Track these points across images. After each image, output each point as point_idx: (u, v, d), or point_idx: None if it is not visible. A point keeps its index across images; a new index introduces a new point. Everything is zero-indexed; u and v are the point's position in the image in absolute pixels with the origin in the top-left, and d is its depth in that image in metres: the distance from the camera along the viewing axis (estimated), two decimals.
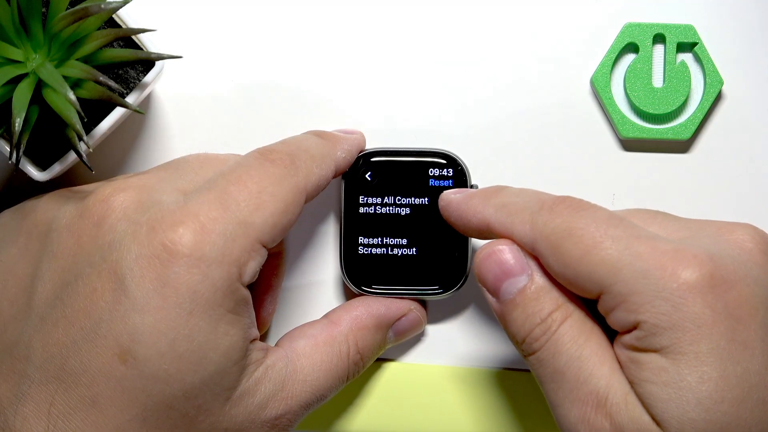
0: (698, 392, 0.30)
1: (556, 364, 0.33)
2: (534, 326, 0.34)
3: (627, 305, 0.31)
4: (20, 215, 0.37)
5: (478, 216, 0.36)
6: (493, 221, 0.36)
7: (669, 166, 0.43)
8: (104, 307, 0.32)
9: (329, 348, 0.37)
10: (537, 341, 0.34)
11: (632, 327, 0.32)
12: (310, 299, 0.43)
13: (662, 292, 0.31)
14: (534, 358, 0.34)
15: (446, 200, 0.39)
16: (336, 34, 0.43)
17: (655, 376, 0.31)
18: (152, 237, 0.33)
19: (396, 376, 0.43)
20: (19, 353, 0.33)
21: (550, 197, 0.35)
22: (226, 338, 0.33)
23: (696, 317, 0.30)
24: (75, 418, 0.32)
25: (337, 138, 0.40)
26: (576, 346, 0.33)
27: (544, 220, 0.34)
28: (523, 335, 0.34)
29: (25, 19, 0.35)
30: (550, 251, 0.33)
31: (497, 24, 0.43)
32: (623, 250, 0.32)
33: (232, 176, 0.35)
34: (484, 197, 0.37)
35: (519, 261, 0.35)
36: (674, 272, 0.31)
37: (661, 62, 0.43)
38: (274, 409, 0.35)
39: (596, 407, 0.32)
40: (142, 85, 0.38)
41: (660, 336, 0.31)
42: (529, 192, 0.36)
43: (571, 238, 0.33)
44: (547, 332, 0.33)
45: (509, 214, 0.35)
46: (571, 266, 0.33)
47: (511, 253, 0.35)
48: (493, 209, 0.36)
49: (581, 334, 0.33)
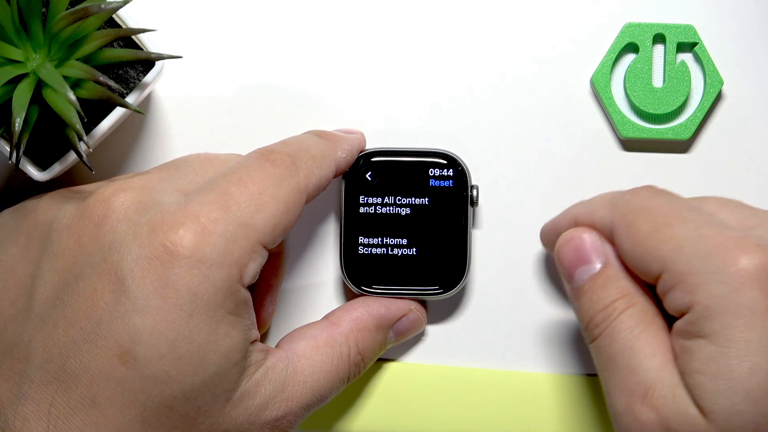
0: (748, 383, 0.30)
1: (611, 351, 0.33)
2: (596, 312, 0.34)
3: (684, 285, 0.32)
4: (20, 215, 0.37)
5: (566, 216, 0.38)
6: (579, 212, 0.37)
7: (669, 166, 0.43)
8: (104, 308, 0.32)
9: (330, 349, 0.37)
10: (597, 327, 0.34)
11: (685, 310, 0.32)
12: (311, 300, 0.43)
13: (720, 275, 0.31)
14: (594, 345, 0.34)
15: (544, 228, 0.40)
16: (336, 35, 0.43)
17: (705, 367, 0.31)
18: (153, 238, 0.33)
19: (396, 377, 0.43)
20: (19, 353, 0.33)
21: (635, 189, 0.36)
22: (226, 339, 0.33)
23: (751, 304, 0.30)
24: (75, 418, 0.32)
25: (338, 138, 0.40)
26: (631, 335, 0.33)
27: (624, 200, 0.35)
28: (587, 320, 0.35)
29: (25, 19, 0.35)
30: (625, 228, 0.34)
31: (497, 24, 0.43)
32: (690, 231, 0.32)
33: (233, 177, 0.35)
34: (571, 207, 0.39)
35: (594, 248, 0.36)
36: (735, 257, 0.31)
37: (661, 62, 0.43)
38: (274, 411, 0.35)
39: (643, 398, 0.32)
40: (142, 85, 0.38)
41: (712, 320, 0.31)
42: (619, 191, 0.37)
43: (645, 216, 0.34)
44: (606, 319, 0.34)
45: (592, 203, 0.37)
46: (640, 243, 0.33)
47: (588, 240, 0.36)
48: (579, 206, 0.38)
49: (639, 323, 0.33)
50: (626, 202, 0.35)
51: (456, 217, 0.41)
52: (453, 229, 0.41)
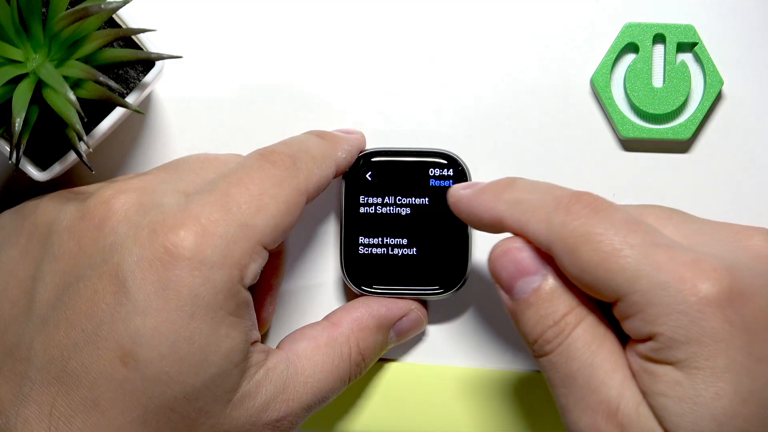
0: (713, 408, 0.30)
1: (568, 368, 0.32)
2: (547, 328, 0.33)
3: (644, 316, 0.31)
4: (21, 216, 0.37)
5: (490, 213, 0.35)
6: (507, 218, 0.35)
7: (669, 166, 0.43)
8: (105, 310, 0.32)
9: (330, 349, 0.37)
10: (549, 344, 0.33)
11: (648, 337, 0.31)
12: (311, 301, 0.43)
13: (681, 305, 0.30)
14: (546, 360, 0.33)
15: (456, 197, 0.37)
16: (336, 35, 0.43)
17: (670, 390, 0.30)
18: (153, 239, 0.33)
19: (397, 377, 0.43)
20: (20, 355, 0.33)
21: (565, 194, 0.34)
22: (227, 341, 0.33)
23: (714, 332, 0.30)
24: (76, 419, 0.32)
25: (338, 138, 0.40)
26: (589, 351, 0.32)
27: (560, 221, 0.33)
28: (536, 336, 0.33)
29: (25, 19, 0.35)
30: (567, 254, 0.32)
31: (497, 24, 0.43)
32: (642, 258, 0.31)
33: (233, 178, 0.35)
34: (496, 192, 0.36)
35: (534, 260, 0.34)
36: (693, 285, 0.30)
37: (661, 62, 0.43)
38: (275, 412, 0.35)
39: (607, 416, 0.31)
40: (142, 85, 0.38)
41: (676, 350, 0.30)
42: (543, 187, 0.35)
43: (589, 244, 0.32)
44: (560, 335, 0.33)
45: (523, 212, 0.34)
46: (588, 272, 0.32)
47: (527, 252, 0.34)
48: (506, 206, 0.35)
49: (594, 339, 0.33)
50: (563, 224, 0.32)
51: (456, 217, 0.41)
52: (453, 229, 0.41)
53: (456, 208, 0.37)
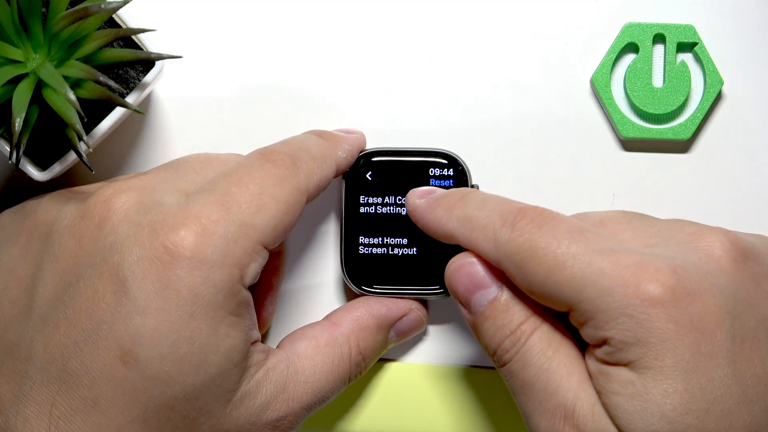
0: (662, 405, 0.30)
1: (526, 375, 0.33)
2: (504, 338, 0.34)
3: (594, 322, 0.32)
4: (21, 216, 0.37)
5: (442, 228, 0.37)
6: (458, 235, 0.36)
7: (669, 166, 0.43)
8: (105, 309, 0.32)
9: (330, 349, 0.37)
10: (507, 353, 0.34)
11: (601, 342, 0.32)
12: (311, 301, 0.43)
13: (626, 308, 0.31)
14: (505, 369, 0.34)
15: (412, 205, 0.39)
16: (336, 35, 0.43)
17: (622, 389, 0.31)
18: (154, 239, 0.33)
19: (397, 376, 0.43)
20: (20, 354, 0.33)
21: (512, 210, 0.34)
22: (227, 340, 0.33)
23: (660, 332, 0.31)
24: (76, 419, 0.32)
25: (338, 138, 0.40)
26: (544, 357, 0.33)
27: (506, 238, 0.34)
28: (494, 347, 0.35)
29: (25, 19, 0.35)
30: (516, 271, 0.33)
31: (497, 24, 0.43)
32: (585, 267, 0.32)
33: (234, 177, 0.35)
34: (448, 207, 0.37)
35: (488, 274, 0.35)
36: (637, 288, 0.31)
37: (661, 62, 0.43)
38: (275, 411, 0.35)
39: (564, 418, 0.32)
40: (142, 85, 0.38)
41: (627, 351, 0.31)
42: (492, 202, 0.36)
43: (534, 259, 0.33)
44: (516, 344, 0.34)
45: (472, 230, 0.35)
46: (537, 285, 0.33)
47: (480, 266, 0.35)
48: (457, 222, 0.36)
49: (550, 345, 0.33)
50: (509, 240, 0.34)
51: None
52: None
53: (412, 216, 0.39)
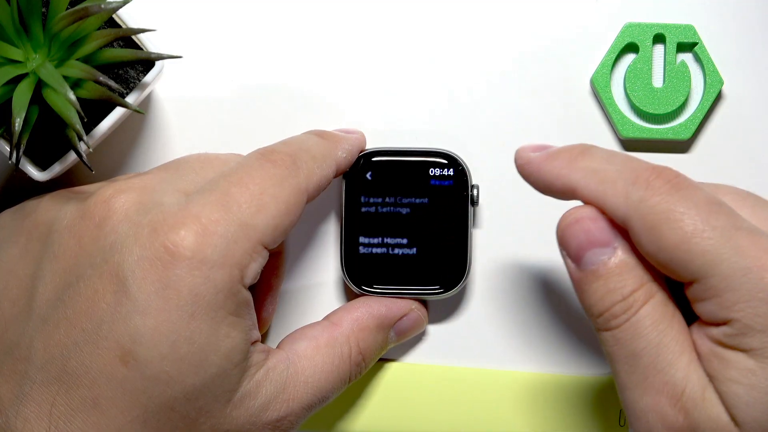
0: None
1: (634, 346, 0.31)
2: (614, 303, 0.32)
3: (721, 300, 0.30)
4: (21, 216, 0.37)
5: (563, 180, 0.34)
6: (582, 187, 0.33)
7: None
8: (106, 309, 0.32)
9: (331, 350, 0.37)
10: (616, 318, 0.32)
11: (722, 322, 0.30)
12: (311, 301, 0.43)
13: (761, 292, 0.29)
14: (609, 335, 0.32)
15: (525, 158, 0.36)
16: (336, 35, 0.43)
17: (743, 377, 0.30)
18: (154, 239, 0.33)
19: (397, 376, 0.43)
20: (20, 354, 0.33)
21: (646, 168, 0.32)
22: (227, 340, 0.33)
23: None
24: (76, 419, 0.32)
25: (338, 138, 0.40)
26: (656, 331, 0.31)
27: (640, 195, 0.32)
28: (601, 309, 0.32)
29: (25, 19, 0.35)
30: (646, 231, 0.31)
31: (497, 24, 0.43)
32: (724, 242, 0.30)
33: (233, 177, 0.35)
34: (569, 159, 0.34)
35: (607, 231, 0.33)
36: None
37: (661, 62, 0.43)
38: (275, 411, 0.35)
39: (671, 399, 0.31)
40: (142, 85, 0.38)
41: (751, 337, 0.30)
42: (621, 157, 0.34)
43: (669, 222, 0.31)
44: (627, 311, 0.32)
45: (600, 182, 0.33)
46: (667, 250, 0.31)
47: (600, 222, 0.33)
48: (581, 174, 0.33)
49: (663, 318, 0.32)
50: (642, 199, 0.31)
51: (456, 217, 0.41)
52: (453, 228, 0.41)
53: (524, 171, 0.36)
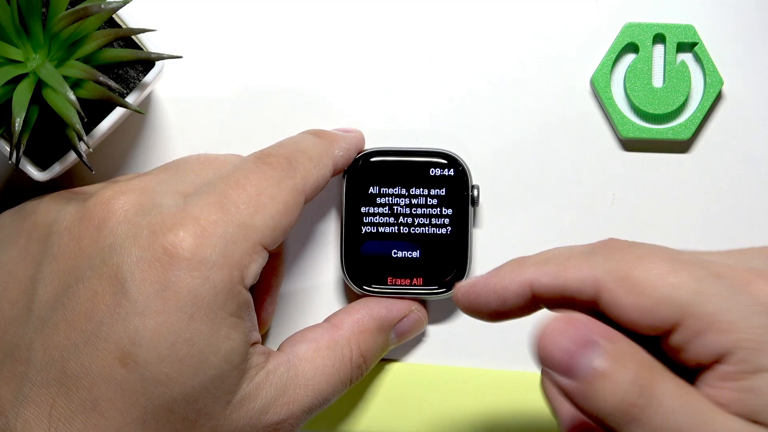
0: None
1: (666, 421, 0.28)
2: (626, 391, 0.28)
3: (717, 326, 0.28)
4: (20, 217, 0.37)
5: (516, 280, 0.31)
6: (540, 276, 0.31)
7: (669, 166, 0.43)
8: (105, 311, 0.32)
9: (331, 352, 0.37)
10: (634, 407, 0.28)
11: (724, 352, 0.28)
12: (311, 303, 0.43)
13: (754, 306, 0.28)
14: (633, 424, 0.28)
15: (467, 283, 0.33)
16: (336, 35, 0.43)
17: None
18: (153, 240, 0.33)
19: (398, 377, 0.43)
20: (19, 356, 0.33)
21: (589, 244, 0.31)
22: (227, 342, 0.33)
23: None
24: (76, 421, 0.32)
25: (335, 136, 0.40)
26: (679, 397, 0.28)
27: (602, 257, 0.30)
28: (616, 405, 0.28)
29: (25, 19, 0.35)
30: (620, 283, 0.29)
31: (497, 24, 0.43)
32: (702, 270, 0.29)
33: (230, 180, 0.35)
34: (515, 264, 0.32)
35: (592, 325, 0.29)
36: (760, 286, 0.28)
37: (661, 62, 0.43)
38: (275, 414, 0.35)
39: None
40: (142, 85, 0.38)
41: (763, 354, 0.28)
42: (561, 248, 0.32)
43: (642, 265, 0.29)
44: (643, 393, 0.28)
45: (557, 263, 0.31)
46: (646, 294, 0.29)
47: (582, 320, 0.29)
48: (534, 267, 0.31)
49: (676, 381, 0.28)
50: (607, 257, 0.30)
51: (456, 217, 0.41)
52: (453, 228, 0.41)
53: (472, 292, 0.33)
